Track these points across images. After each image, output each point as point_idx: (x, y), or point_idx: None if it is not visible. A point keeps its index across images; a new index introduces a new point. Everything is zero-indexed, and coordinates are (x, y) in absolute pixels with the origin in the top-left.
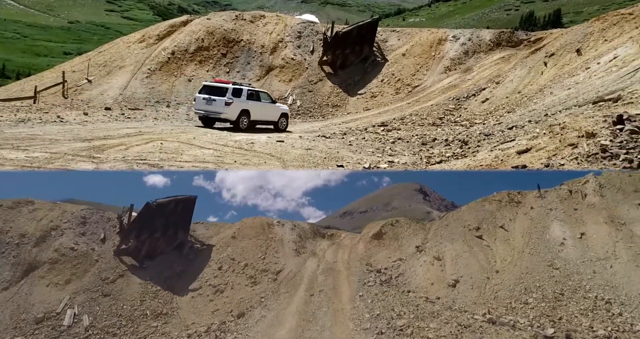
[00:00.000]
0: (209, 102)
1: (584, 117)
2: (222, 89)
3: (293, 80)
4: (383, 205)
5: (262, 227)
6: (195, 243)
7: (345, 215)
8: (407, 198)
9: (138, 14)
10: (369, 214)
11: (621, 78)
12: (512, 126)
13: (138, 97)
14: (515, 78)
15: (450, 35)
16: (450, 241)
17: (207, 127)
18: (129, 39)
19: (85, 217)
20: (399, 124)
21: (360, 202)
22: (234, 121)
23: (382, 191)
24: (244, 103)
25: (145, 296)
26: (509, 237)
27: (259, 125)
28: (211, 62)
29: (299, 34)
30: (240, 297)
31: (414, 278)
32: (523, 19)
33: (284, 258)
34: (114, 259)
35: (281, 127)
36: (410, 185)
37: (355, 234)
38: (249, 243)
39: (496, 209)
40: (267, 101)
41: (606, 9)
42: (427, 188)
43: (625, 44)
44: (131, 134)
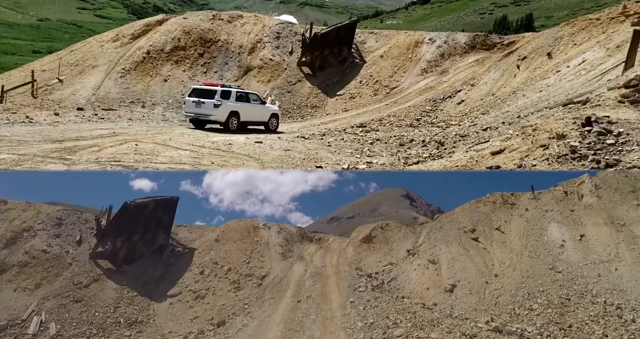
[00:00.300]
0: (199, 105)
1: (555, 119)
2: (211, 92)
3: (272, 81)
4: (370, 211)
5: (247, 230)
6: (176, 246)
7: (332, 221)
8: (394, 204)
9: (112, 12)
10: (356, 220)
11: (589, 81)
12: (487, 128)
13: (112, 97)
14: (490, 81)
15: (426, 38)
16: (445, 244)
17: (198, 128)
18: (102, 38)
19: (61, 218)
20: (377, 125)
21: (347, 208)
22: (224, 123)
23: (369, 197)
24: (233, 105)
25: (120, 302)
26: (505, 240)
27: (249, 126)
28: (188, 62)
29: (277, 35)
30: (222, 303)
31: (407, 282)
32: (497, 23)
33: (269, 262)
34: (89, 263)
35: (271, 127)
36: (397, 190)
37: (343, 238)
38: (233, 246)
39: (491, 211)
40: (256, 102)
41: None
42: (413, 194)
43: (593, 48)
44: (105, 135)
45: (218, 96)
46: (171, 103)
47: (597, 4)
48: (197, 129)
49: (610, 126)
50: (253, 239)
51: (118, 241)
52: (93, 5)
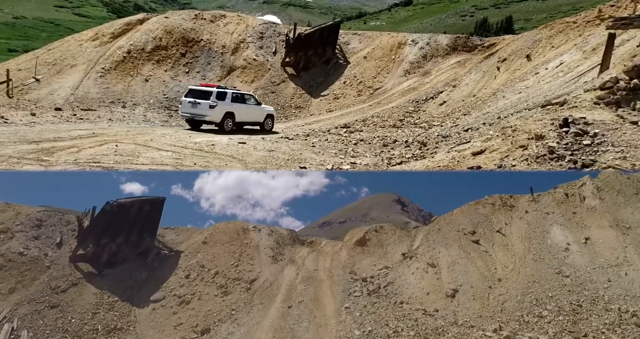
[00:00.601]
0: (194, 106)
1: (534, 120)
2: (207, 93)
3: (255, 81)
4: (362, 215)
5: (237, 232)
6: (162, 249)
7: (324, 225)
8: (386, 208)
9: (91, 10)
10: (347, 225)
11: (567, 83)
12: (468, 128)
13: (91, 97)
14: (471, 82)
15: (409, 40)
16: (444, 246)
17: (194, 129)
18: (81, 37)
19: (42, 219)
20: (361, 126)
21: (339, 213)
22: (219, 123)
23: (360, 202)
24: (228, 106)
25: (99, 308)
26: (507, 243)
27: (245, 126)
28: (169, 61)
29: (261, 35)
30: (208, 309)
31: (405, 287)
32: (478, 25)
33: (259, 265)
34: (68, 266)
35: (267, 127)
36: (389, 195)
37: (336, 241)
38: (221, 249)
39: (490, 213)
40: (252, 103)
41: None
42: (405, 199)
43: (570, 51)
44: (83, 136)
45: (214, 97)
46: (152, 103)
47: (574, 7)
48: (179, 131)
49: (586, 127)
50: (242, 241)
51: (100, 243)
52: (71, 4)
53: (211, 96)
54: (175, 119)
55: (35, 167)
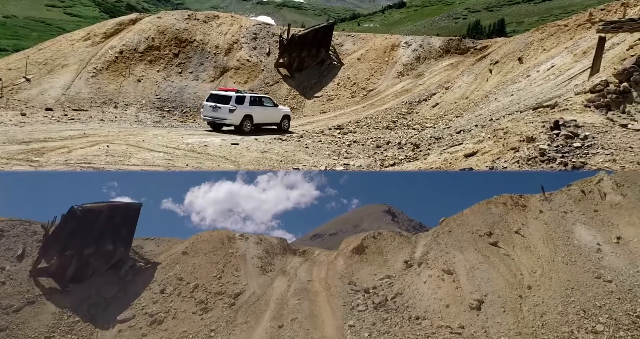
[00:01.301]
0: (215, 109)
1: (525, 123)
2: (226, 97)
3: (249, 82)
4: (352, 227)
5: (221, 241)
6: (138, 261)
7: (315, 237)
8: (376, 219)
9: (83, 10)
10: (338, 236)
11: (558, 86)
12: (460, 130)
13: (83, 97)
14: (463, 84)
15: (402, 42)
16: (459, 250)
17: (215, 131)
18: (72, 37)
19: (2, 230)
20: (355, 127)
21: (330, 225)
22: (238, 125)
23: (351, 213)
24: (247, 109)
25: (55, 331)
26: (529, 245)
27: (263, 126)
28: (162, 62)
29: (254, 36)
30: (184, 330)
31: (418, 298)
32: (470, 28)
33: (245, 277)
34: (27, 281)
35: (284, 127)
36: (379, 206)
37: (330, 251)
38: (202, 260)
39: (504, 213)
40: (269, 105)
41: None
42: (395, 209)
43: (562, 54)
44: (74, 136)
45: (233, 101)
46: (145, 104)
47: (565, 10)
48: (171, 131)
49: (577, 129)
50: (227, 251)
51: (66, 254)
52: (63, 3)
53: (231, 100)
54: (167, 120)
55: (24, 167)
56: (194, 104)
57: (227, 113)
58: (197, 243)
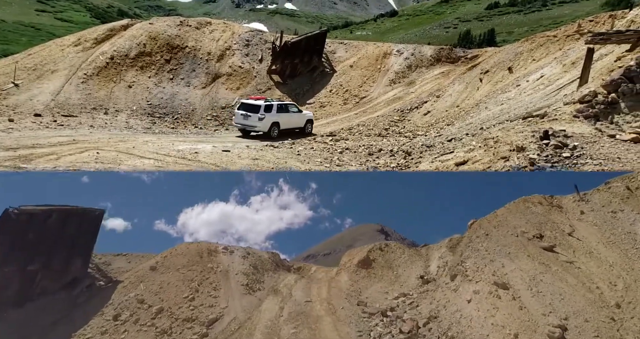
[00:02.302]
0: (246, 118)
1: (515, 132)
2: (256, 106)
3: (241, 88)
4: (346, 247)
5: (199, 254)
6: (99, 279)
7: (309, 258)
8: (370, 239)
9: (74, 15)
10: (332, 257)
11: (547, 96)
12: (451, 138)
13: (72, 103)
14: (454, 93)
15: (394, 50)
16: (507, 257)
17: (244, 136)
18: (63, 42)
19: None
20: (347, 134)
21: (323, 245)
22: (267, 132)
23: (345, 233)
24: (275, 116)
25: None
26: (590, 249)
27: (288, 130)
28: (154, 68)
29: (247, 42)
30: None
31: (465, 324)
32: (461, 37)
33: (225, 297)
34: None
35: (307, 131)
36: (372, 226)
37: (328, 268)
38: (173, 277)
39: (547, 212)
40: (294, 111)
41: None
42: (388, 228)
43: (551, 64)
44: (64, 143)
45: (262, 110)
46: (135, 110)
47: (555, 21)
48: (162, 138)
49: (566, 139)
50: (205, 265)
51: (5, 270)
52: (53, 8)
53: (260, 109)
54: (158, 126)
55: None
56: (185, 111)
57: (257, 121)
58: (171, 257)
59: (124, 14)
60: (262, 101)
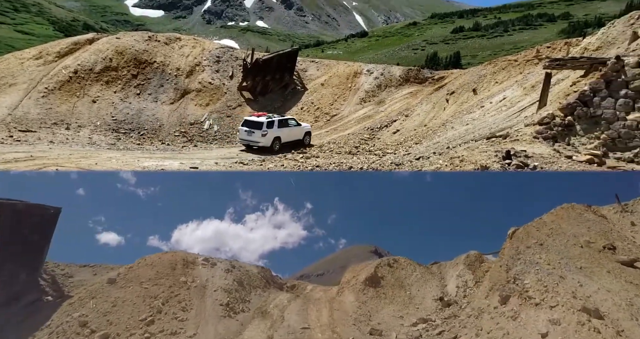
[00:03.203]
0: (249, 134)
1: (479, 152)
2: (259, 123)
3: (210, 104)
4: (340, 267)
5: (172, 265)
6: (49, 294)
7: (302, 278)
8: (364, 260)
9: (35, 28)
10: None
11: (509, 117)
12: (419, 157)
13: (31, 118)
14: (422, 112)
15: (365, 69)
16: (581, 273)
17: (248, 151)
18: (22, 55)
19: None
20: (318, 152)
21: (317, 265)
22: (269, 146)
23: (338, 254)
24: (276, 132)
25: None
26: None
27: (289, 143)
28: (120, 83)
29: (217, 59)
30: None
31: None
32: (428, 59)
33: (195, 321)
34: None
35: (305, 142)
36: (366, 247)
37: (326, 287)
38: (132, 293)
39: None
40: (293, 125)
41: (497, 54)
42: (381, 249)
43: (512, 87)
44: (20, 159)
45: (264, 127)
46: (99, 125)
47: (515, 46)
48: (126, 154)
49: (527, 159)
50: (177, 279)
51: None
52: (13, 20)
53: (262, 125)
54: (123, 142)
55: None
56: (152, 126)
57: (260, 137)
58: (138, 268)
59: (90, 28)
60: (264, 118)
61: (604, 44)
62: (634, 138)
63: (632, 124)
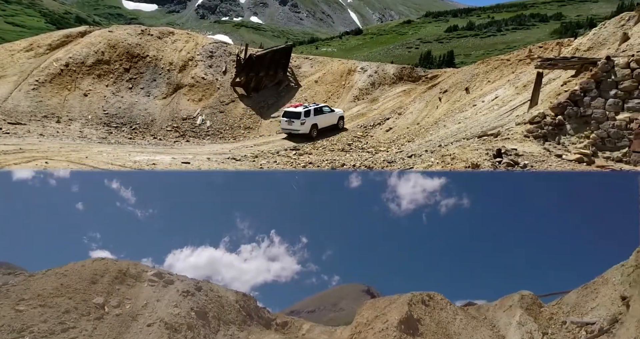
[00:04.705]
0: (290, 123)
1: (470, 150)
2: (297, 113)
3: (203, 99)
4: (331, 305)
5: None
6: None
7: (292, 314)
8: (355, 299)
9: (26, 20)
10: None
11: (501, 116)
12: (411, 155)
13: (21, 110)
14: (415, 110)
15: (359, 67)
16: None
17: (289, 139)
18: (13, 47)
19: None
20: (311, 149)
21: (308, 301)
22: (308, 133)
23: (330, 291)
24: (313, 119)
25: None
26: None
27: (325, 128)
28: (112, 76)
29: (210, 54)
30: None
31: None
32: (422, 57)
33: None
34: None
35: (340, 126)
36: (358, 286)
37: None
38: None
39: None
40: (328, 112)
41: (490, 53)
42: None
43: (504, 86)
44: (8, 152)
45: (302, 116)
46: (91, 119)
47: (508, 46)
48: (118, 148)
49: (517, 158)
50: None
51: None
52: (4, 11)
53: (300, 115)
54: (114, 136)
55: None
56: (144, 121)
57: (300, 125)
58: (41, 277)
59: (83, 21)
60: (301, 108)
61: (595, 44)
62: (622, 138)
63: (621, 124)
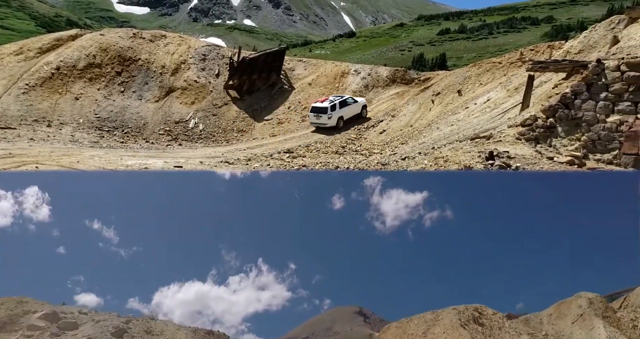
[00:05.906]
0: (318, 118)
1: (463, 152)
2: (323, 108)
3: (196, 103)
4: (325, 330)
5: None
6: None
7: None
8: (348, 322)
9: (16, 23)
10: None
11: (493, 118)
12: (405, 157)
13: (11, 114)
14: (408, 113)
15: (352, 69)
16: None
17: (318, 131)
18: (2, 50)
19: None
20: (304, 151)
21: (302, 328)
22: (335, 125)
23: (323, 315)
24: (339, 112)
25: None
26: None
27: (350, 119)
28: (103, 80)
29: (203, 57)
30: None
31: None
32: (415, 60)
33: None
34: None
35: (363, 115)
36: (350, 308)
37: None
38: None
39: None
40: (352, 103)
41: (482, 56)
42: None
43: (496, 89)
44: None
45: (329, 110)
46: (82, 123)
47: (500, 49)
48: (110, 152)
49: (509, 160)
50: None
51: None
52: None
53: (327, 110)
54: (106, 140)
55: None
56: (136, 124)
57: (327, 119)
58: None
59: (73, 24)
60: (327, 103)
61: (585, 47)
62: (613, 140)
63: (612, 127)
